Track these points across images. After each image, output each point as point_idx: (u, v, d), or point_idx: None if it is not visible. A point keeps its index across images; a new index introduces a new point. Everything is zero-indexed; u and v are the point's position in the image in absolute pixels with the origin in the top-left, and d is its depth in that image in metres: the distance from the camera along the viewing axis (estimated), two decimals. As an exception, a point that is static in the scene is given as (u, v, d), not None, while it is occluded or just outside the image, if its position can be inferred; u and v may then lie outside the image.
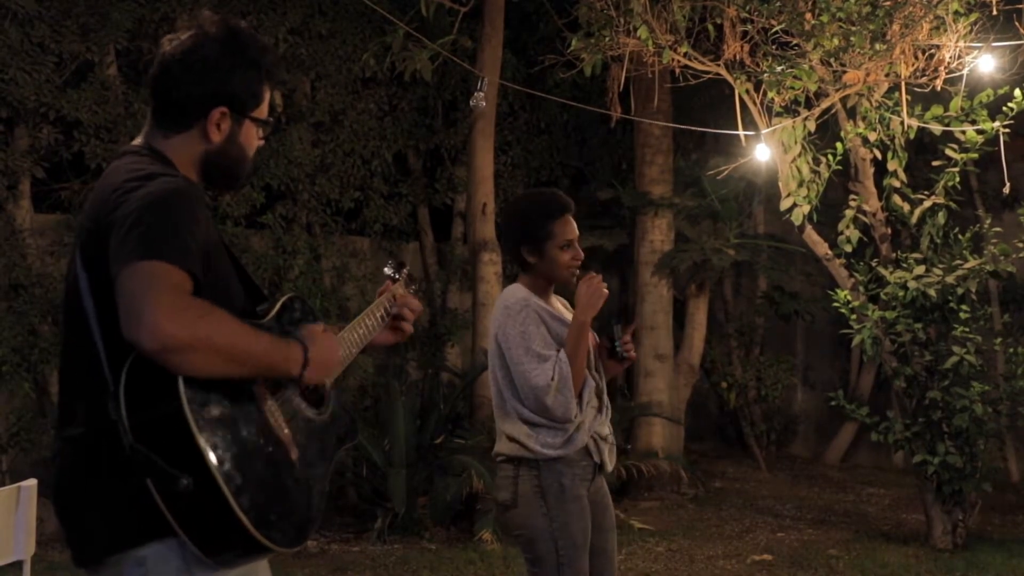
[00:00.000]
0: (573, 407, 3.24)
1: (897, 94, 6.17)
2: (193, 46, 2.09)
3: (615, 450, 3.46)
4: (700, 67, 6.43)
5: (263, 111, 2.19)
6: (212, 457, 1.82)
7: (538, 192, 3.71)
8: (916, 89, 6.06)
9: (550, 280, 3.41)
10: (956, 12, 5.57)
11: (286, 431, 2.01)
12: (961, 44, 5.66)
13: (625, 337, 3.44)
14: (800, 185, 6.42)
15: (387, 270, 2.62)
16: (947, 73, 5.81)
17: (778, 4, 5.92)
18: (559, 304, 3.50)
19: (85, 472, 1.97)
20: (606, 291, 3.32)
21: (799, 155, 6.37)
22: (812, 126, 6.31)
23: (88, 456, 1.96)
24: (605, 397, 3.44)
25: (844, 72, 6.00)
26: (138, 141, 2.16)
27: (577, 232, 3.41)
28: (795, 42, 6.02)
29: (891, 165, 6.47)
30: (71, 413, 2.01)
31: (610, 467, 3.41)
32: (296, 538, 2.01)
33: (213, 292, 1.95)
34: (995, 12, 5.67)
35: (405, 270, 2.63)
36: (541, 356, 3.22)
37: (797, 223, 6.53)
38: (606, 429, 3.40)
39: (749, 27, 6.25)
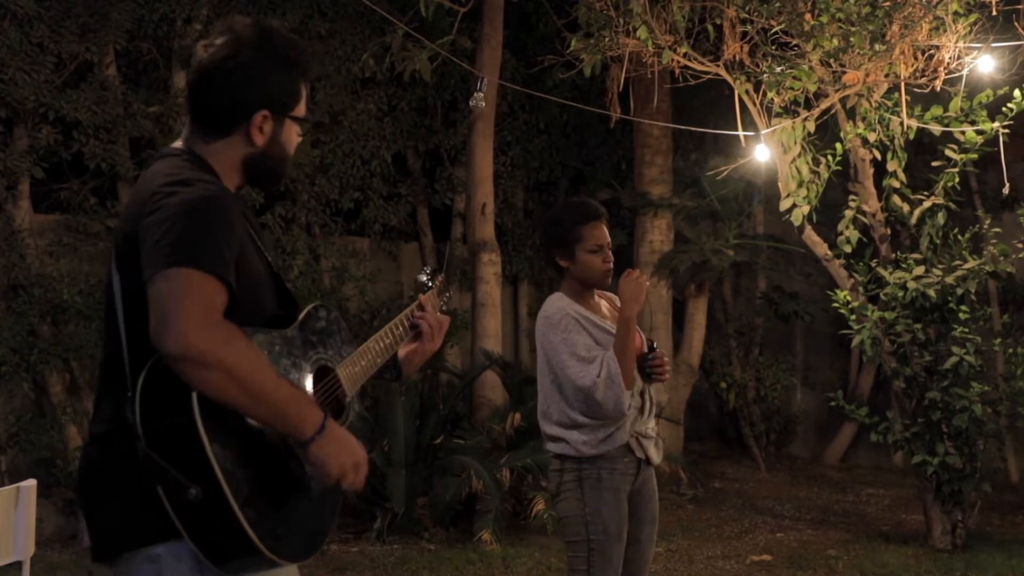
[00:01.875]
0: (625, 400, 3.35)
1: (897, 94, 6.17)
2: (230, 52, 2.09)
3: (661, 443, 3.61)
4: (700, 67, 6.43)
5: (302, 108, 2.20)
6: (221, 469, 1.83)
7: (571, 200, 3.93)
8: (916, 89, 6.05)
9: (584, 284, 3.53)
10: (956, 13, 5.57)
11: None
12: (961, 44, 5.66)
13: (656, 359, 3.50)
14: (800, 185, 6.42)
15: (422, 277, 2.59)
16: (947, 73, 5.81)
17: (778, 4, 5.91)
18: (604, 305, 3.60)
19: (104, 469, 1.99)
20: (647, 284, 3.46)
21: (799, 155, 6.37)
22: (812, 126, 6.31)
23: (108, 453, 1.98)
24: (649, 395, 3.54)
25: (844, 72, 6.00)
26: (178, 144, 2.16)
27: (609, 239, 3.53)
28: (795, 42, 6.02)
29: (891, 165, 6.48)
30: (99, 411, 2.05)
31: (657, 460, 3.54)
32: (304, 551, 2.01)
33: (242, 299, 1.95)
34: (995, 12, 5.67)
35: (440, 277, 2.61)
36: (586, 358, 3.35)
37: (797, 223, 6.53)
38: (649, 426, 3.53)
39: (749, 27, 6.25)
